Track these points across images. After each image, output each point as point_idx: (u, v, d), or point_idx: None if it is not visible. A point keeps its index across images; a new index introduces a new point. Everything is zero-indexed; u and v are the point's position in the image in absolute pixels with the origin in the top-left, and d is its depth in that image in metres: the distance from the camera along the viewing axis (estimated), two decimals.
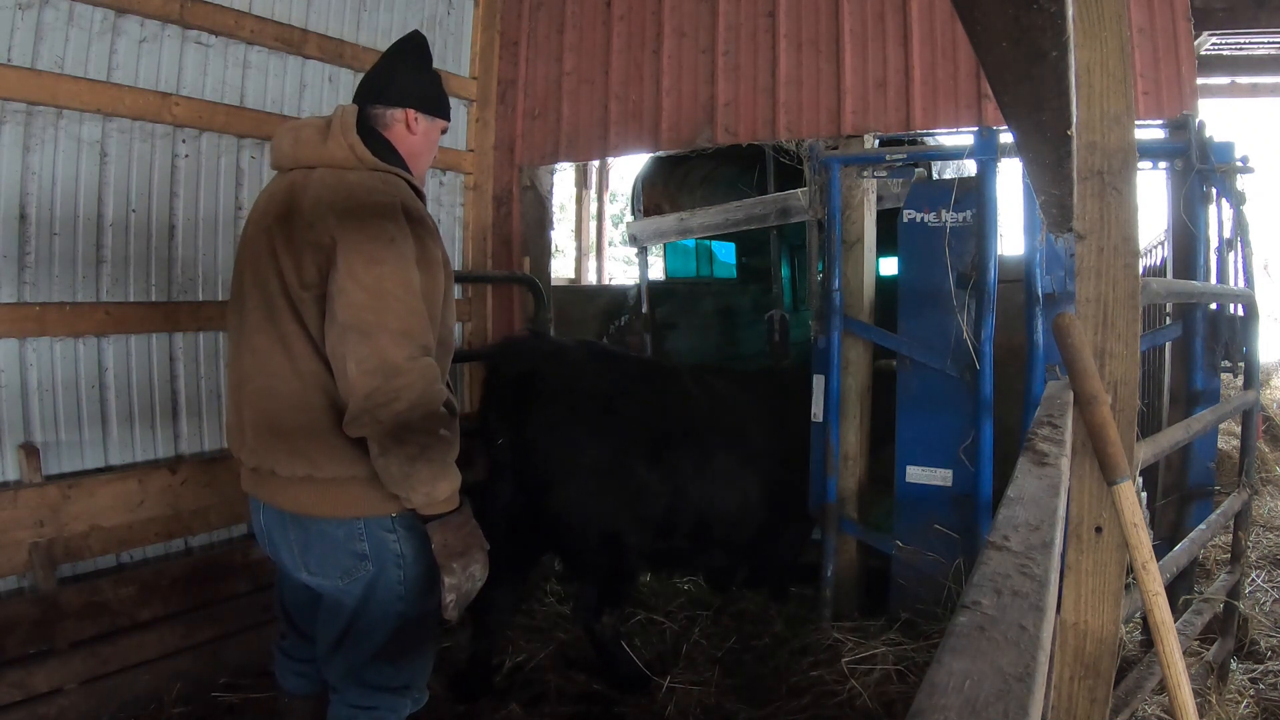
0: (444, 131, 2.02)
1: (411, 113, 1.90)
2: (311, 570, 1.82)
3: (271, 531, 1.87)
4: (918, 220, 3.13)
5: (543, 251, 4.30)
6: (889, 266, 4.40)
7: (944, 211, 3.06)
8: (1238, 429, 4.22)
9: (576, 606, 3.13)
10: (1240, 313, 2.89)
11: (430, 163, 2.04)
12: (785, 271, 5.42)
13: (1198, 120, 2.89)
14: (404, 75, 1.90)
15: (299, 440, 1.73)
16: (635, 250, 4.85)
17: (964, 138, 3.25)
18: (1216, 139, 2.84)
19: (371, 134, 1.84)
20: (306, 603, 2.00)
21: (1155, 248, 4.49)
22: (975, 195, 3.01)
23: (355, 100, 1.91)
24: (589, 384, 2.94)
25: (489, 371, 3.06)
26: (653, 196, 5.33)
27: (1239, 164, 2.82)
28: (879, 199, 3.52)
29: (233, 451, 1.90)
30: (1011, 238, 4.06)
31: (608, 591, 2.94)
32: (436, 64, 2.08)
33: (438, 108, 1.96)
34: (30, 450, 2.55)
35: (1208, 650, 2.63)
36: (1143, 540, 1.24)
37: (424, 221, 1.77)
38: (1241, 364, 2.88)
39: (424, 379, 1.66)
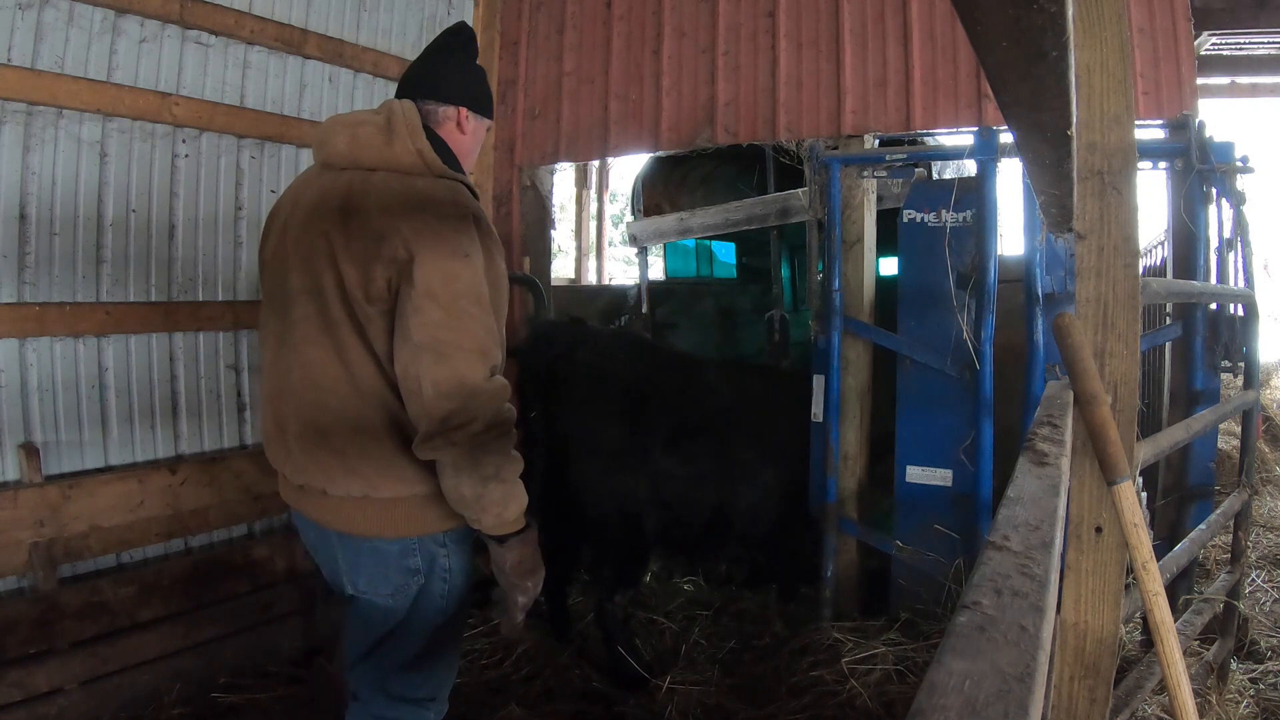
0: (489, 130, 1.96)
1: (464, 111, 1.82)
2: (360, 588, 1.76)
3: (319, 548, 1.82)
4: (918, 220, 3.13)
5: (543, 251, 4.30)
6: (889, 266, 4.40)
7: (944, 211, 3.06)
8: (1238, 429, 4.22)
9: (593, 585, 3.24)
10: (1240, 313, 2.89)
11: (475, 163, 1.97)
12: (785, 271, 5.42)
13: (1198, 120, 2.89)
14: (456, 70, 1.83)
15: (354, 459, 1.66)
16: (635, 250, 4.85)
17: (964, 138, 3.25)
18: (1216, 139, 2.84)
19: (429, 135, 1.75)
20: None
21: (1155, 248, 4.49)
22: (975, 195, 3.01)
23: (402, 94, 1.82)
24: (616, 369, 3.11)
25: (528, 350, 3.22)
26: (653, 196, 5.33)
27: (1239, 164, 2.82)
28: (879, 199, 3.52)
29: (273, 464, 1.82)
30: (1011, 238, 4.06)
31: (622, 571, 3.05)
32: None
33: (487, 106, 1.89)
34: (30, 450, 2.55)
35: (1208, 650, 2.63)
36: (1143, 540, 1.24)
37: (492, 233, 1.70)
38: (1241, 364, 2.88)
39: (498, 399, 1.61)
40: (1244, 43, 5.09)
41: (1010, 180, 3.18)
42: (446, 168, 1.71)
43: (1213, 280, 2.89)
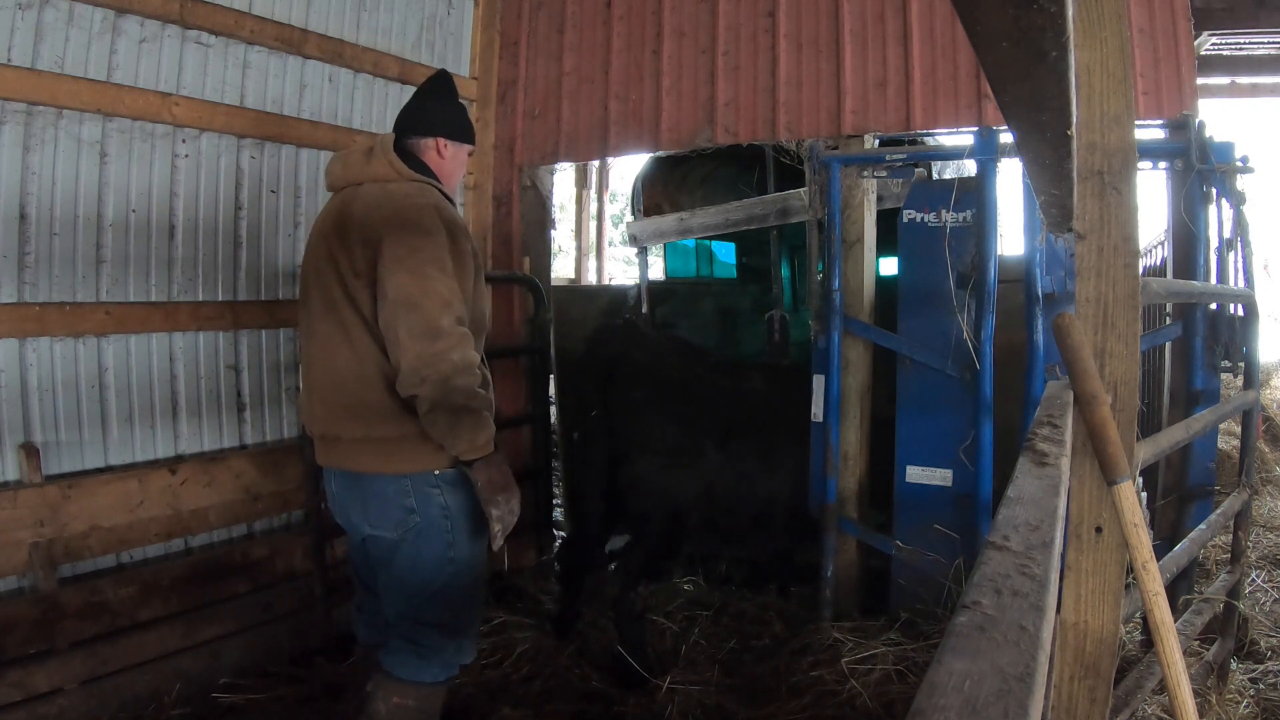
0: (470, 154, 2.37)
1: (441, 140, 2.24)
2: (372, 524, 2.12)
3: (341, 495, 2.19)
4: (918, 220, 3.13)
5: (543, 251, 4.29)
6: (889, 266, 4.40)
7: (944, 211, 3.06)
8: (1238, 429, 4.22)
9: (617, 569, 3.28)
10: (1240, 313, 2.89)
11: (460, 178, 2.39)
12: (785, 271, 5.41)
13: (1198, 120, 2.89)
14: (434, 109, 2.26)
15: (359, 409, 2.05)
16: (635, 250, 4.85)
17: (964, 138, 3.25)
18: (1216, 139, 2.83)
19: (408, 155, 2.19)
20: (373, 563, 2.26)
21: (1155, 248, 4.50)
22: (975, 195, 3.01)
23: (394, 131, 2.25)
24: (670, 370, 3.27)
25: (586, 351, 3.44)
26: (653, 196, 5.32)
27: (1239, 164, 2.82)
28: (879, 199, 3.52)
29: (305, 426, 2.26)
30: (1011, 238, 4.06)
31: (652, 562, 3.13)
32: (436, 64, 2.31)
33: (463, 134, 2.31)
34: (30, 450, 2.55)
35: (1208, 650, 2.63)
36: (1143, 540, 1.24)
37: (454, 220, 2.11)
38: (1241, 364, 2.88)
39: (463, 342, 1.98)
40: (1244, 43, 5.09)
41: (1010, 180, 3.18)
42: (415, 173, 2.14)
43: (1213, 280, 2.88)
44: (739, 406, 3.35)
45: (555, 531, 4.31)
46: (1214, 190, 2.84)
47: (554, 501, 4.49)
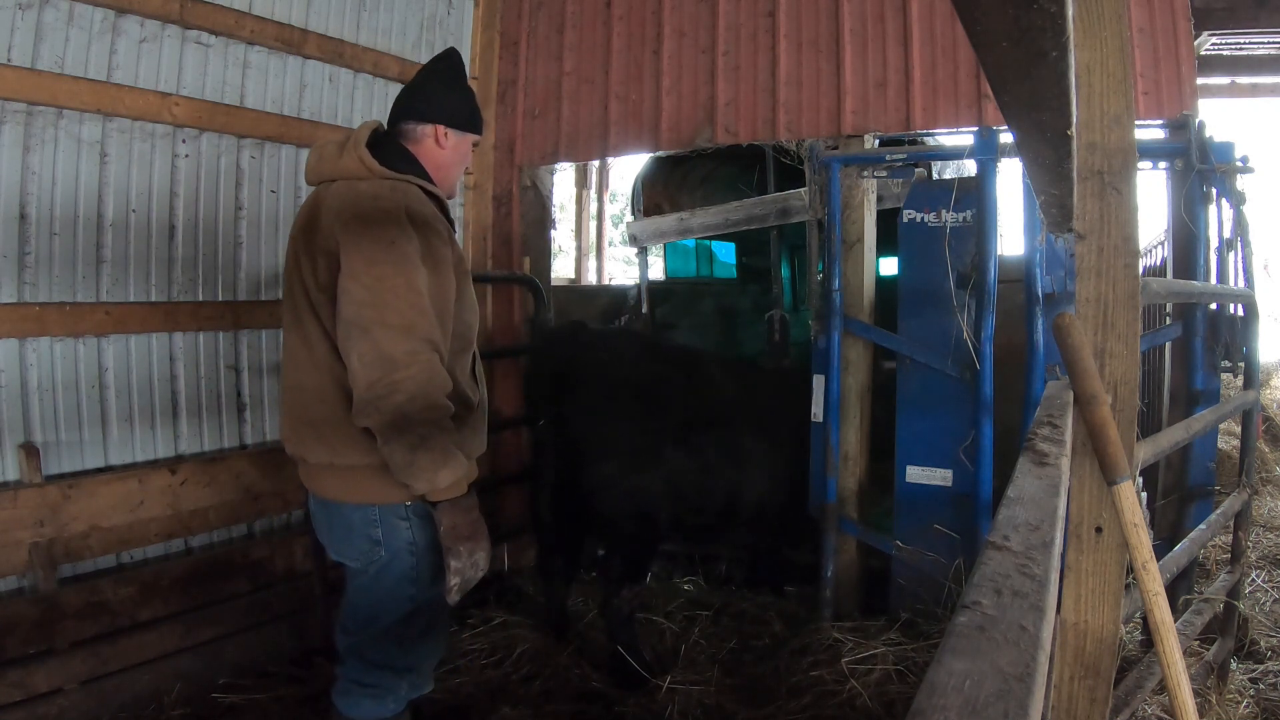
0: (476, 144, 2.15)
1: (440, 128, 2.02)
2: (337, 551, 2.00)
3: (315, 515, 2.06)
4: (918, 220, 3.13)
5: (543, 251, 4.30)
6: (889, 266, 4.40)
7: (944, 211, 3.06)
8: (1238, 429, 4.22)
9: (599, 577, 3.24)
10: (1240, 313, 2.89)
11: (462, 173, 2.15)
12: (785, 271, 5.40)
13: (1198, 120, 2.89)
14: (435, 93, 2.03)
15: (323, 430, 1.89)
16: (635, 250, 4.84)
17: (964, 138, 3.25)
18: (1216, 139, 2.84)
19: (391, 146, 1.98)
20: None
21: (1155, 248, 4.49)
22: (975, 195, 3.01)
23: (391, 115, 2.05)
24: (625, 371, 3.16)
25: (533, 360, 3.33)
26: (653, 196, 5.32)
27: (1239, 164, 2.82)
28: (879, 199, 3.52)
29: (283, 442, 2.06)
30: (1011, 238, 4.06)
31: (631, 565, 3.08)
32: None
33: (468, 123, 2.08)
34: (30, 450, 2.55)
35: (1208, 650, 2.63)
36: (1143, 540, 1.24)
37: (430, 224, 1.88)
38: (1241, 364, 2.88)
39: (425, 372, 1.76)
40: (1244, 43, 5.09)
41: (1010, 180, 3.18)
42: (390, 170, 1.91)
43: (1213, 280, 2.88)
44: (704, 402, 3.29)
45: None
46: (1214, 190, 2.84)
47: None
